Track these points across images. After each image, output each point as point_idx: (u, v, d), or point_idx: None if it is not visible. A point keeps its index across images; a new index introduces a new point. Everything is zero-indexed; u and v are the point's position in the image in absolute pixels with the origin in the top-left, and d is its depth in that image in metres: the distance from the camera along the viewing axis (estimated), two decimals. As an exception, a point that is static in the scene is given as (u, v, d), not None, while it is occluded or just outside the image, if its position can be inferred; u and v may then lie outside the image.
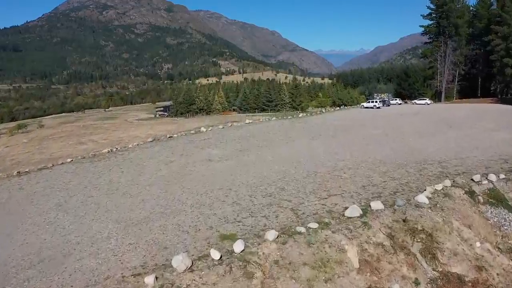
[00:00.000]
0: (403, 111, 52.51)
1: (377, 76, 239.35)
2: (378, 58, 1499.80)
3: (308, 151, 25.59)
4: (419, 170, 20.34)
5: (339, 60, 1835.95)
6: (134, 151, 28.40)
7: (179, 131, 40.44)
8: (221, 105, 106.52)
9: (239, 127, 39.27)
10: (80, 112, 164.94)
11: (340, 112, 52.08)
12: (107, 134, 47.62)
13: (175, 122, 68.89)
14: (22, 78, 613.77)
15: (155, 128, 46.93)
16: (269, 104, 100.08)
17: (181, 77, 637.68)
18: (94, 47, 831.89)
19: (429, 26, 74.08)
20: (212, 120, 74.28)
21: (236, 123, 44.66)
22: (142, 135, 38.92)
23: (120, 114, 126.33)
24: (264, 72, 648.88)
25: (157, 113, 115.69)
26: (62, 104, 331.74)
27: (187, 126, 49.20)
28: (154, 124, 63.74)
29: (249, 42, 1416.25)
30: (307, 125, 38.96)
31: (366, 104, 55.55)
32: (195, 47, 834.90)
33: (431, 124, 37.29)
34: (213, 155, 25.53)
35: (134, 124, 67.58)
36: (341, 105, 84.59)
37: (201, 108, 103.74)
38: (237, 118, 70.87)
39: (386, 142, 28.14)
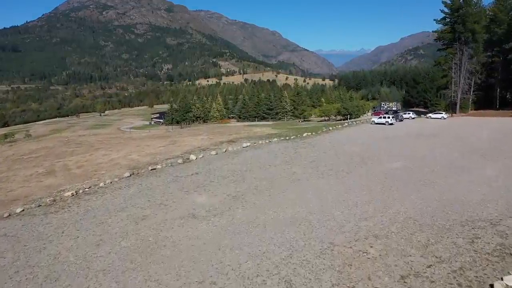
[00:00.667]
0: (419, 129, 47.11)
1: (380, 79, 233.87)
2: (379, 58, 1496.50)
3: (319, 200, 20.28)
4: (470, 240, 15.07)
5: (339, 60, 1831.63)
6: (103, 195, 23.11)
7: (166, 157, 35.11)
8: (219, 112, 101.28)
9: (235, 153, 33.95)
10: (75, 116, 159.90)
11: (349, 130, 46.53)
12: (88, 154, 42.25)
13: (168, 136, 63.56)
14: (21, 78, 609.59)
15: (141, 149, 41.49)
16: (270, 112, 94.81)
17: (180, 78, 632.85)
18: (94, 47, 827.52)
19: (443, 31, 68.67)
20: (208, 132, 68.94)
21: (232, 146, 39.33)
22: (123, 162, 33.58)
23: (114, 121, 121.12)
24: (265, 73, 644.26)
25: (153, 121, 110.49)
26: (59, 106, 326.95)
27: (178, 146, 43.84)
28: (144, 139, 58.41)
29: (249, 42, 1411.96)
30: (314, 151, 33.61)
31: (377, 120, 50.32)
32: (195, 47, 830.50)
33: (459, 151, 32.01)
34: (199, 205, 20.26)
35: (122, 139, 62.27)
36: (346, 115, 79.31)
37: (198, 116, 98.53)
38: (235, 131, 65.55)
39: (413, 184, 22.87)
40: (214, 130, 71.18)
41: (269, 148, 35.94)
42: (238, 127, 77.96)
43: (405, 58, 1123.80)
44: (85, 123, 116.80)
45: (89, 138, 67.02)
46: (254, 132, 61.21)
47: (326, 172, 25.97)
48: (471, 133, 42.67)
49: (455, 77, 64.26)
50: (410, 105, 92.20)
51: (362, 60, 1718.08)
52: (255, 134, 56.08)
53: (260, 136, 51.53)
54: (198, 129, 78.76)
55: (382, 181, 23.50)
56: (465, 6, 61.41)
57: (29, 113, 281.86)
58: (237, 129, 72.72)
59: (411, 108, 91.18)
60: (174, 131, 75.49)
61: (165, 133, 73.07)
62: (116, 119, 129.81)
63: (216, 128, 77.21)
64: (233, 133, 61.25)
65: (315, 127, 56.39)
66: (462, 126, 50.49)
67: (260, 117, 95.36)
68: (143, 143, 52.65)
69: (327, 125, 59.89)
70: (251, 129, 69.97)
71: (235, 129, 71.21)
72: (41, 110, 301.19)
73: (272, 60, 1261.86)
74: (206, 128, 78.99)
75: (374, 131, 45.81)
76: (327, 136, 42.33)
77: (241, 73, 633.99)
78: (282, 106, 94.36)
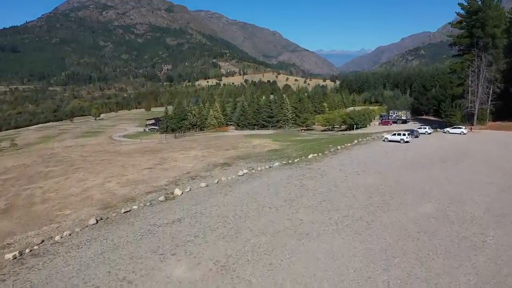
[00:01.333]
0: (441, 149, 41.37)
1: (383, 81, 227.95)
2: (380, 59, 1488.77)
3: (337, 277, 14.92)
4: None
5: (340, 60, 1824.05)
6: (53, 259, 17.74)
7: (147, 189, 29.79)
8: (216, 120, 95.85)
9: (229, 185, 28.47)
10: (69, 120, 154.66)
11: (359, 150, 40.56)
12: (63, 178, 37.03)
13: (158, 150, 58.25)
14: (20, 79, 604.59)
15: (123, 172, 36.28)
16: (270, 120, 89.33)
17: (180, 78, 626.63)
18: (93, 47, 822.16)
19: (460, 36, 62.97)
20: (203, 145, 63.62)
21: (226, 172, 33.93)
22: (97, 195, 28.27)
23: (107, 127, 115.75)
24: (265, 73, 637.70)
25: (147, 127, 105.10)
26: (56, 108, 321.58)
27: (165, 170, 38.52)
28: (132, 154, 53.14)
29: (249, 43, 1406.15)
30: (323, 183, 28.14)
31: (391, 137, 44.69)
32: (195, 47, 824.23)
33: (498, 184, 26.57)
34: (175, 282, 14.93)
35: (109, 153, 56.89)
36: (353, 125, 73.79)
37: (194, 124, 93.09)
38: (232, 145, 60.17)
39: (457, 244, 17.50)
40: (210, 142, 65.78)
41: (269, 177, 30.50)
42: (236, 138, 72.58)
43: (405, 59, 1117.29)
44: (77, 130, 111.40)
45: (74, 151, 61.68)
46: (253, 147, 55.85)
47: (340, 221, 20.55)
48: (504, 155, 37.11)
49: (472, 86, 58.81)
50: (419, 112, 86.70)
51: (362, 60, 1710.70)
52: (253, 150, 50.73)
53: (259, 154, 46.18)
54: (193, 140, 73.40)
55: (415, 239, 18.13)
56: (484, 8, 55.75)
57: (25, 115, 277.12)
58: (235, 140, 67.36)
59: (420, 116, 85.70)
60: (167, 142, 70.04)
61: (156, 144, 67.67)
62: (110, 125, 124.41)
63: (213, 139, 71.75)
64: (230, 148, 55.89)
65: (320, 143, 50.94)
66: (487, 143, 44.79)
67: (260, 125, 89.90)
68: (129, 160, 47.28)
69: (333, 140, 54.46)
70: (250, 141, 64.63)
71: (233, 141, 65.85)
72: (38, 112, 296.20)
73: (272, 60, 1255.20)
74: (202, 139, 73.59)
75: (389, 152, 40.00)
76: (336, 159, 36.74)
77: (241, 73, 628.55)
78: (283, 113, 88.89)
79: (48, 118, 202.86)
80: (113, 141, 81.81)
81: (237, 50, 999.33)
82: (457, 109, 60.18)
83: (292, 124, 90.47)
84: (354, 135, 56.81)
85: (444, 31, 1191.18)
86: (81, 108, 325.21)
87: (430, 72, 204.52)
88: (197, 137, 78.87)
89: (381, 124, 77.86)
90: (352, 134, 65.85)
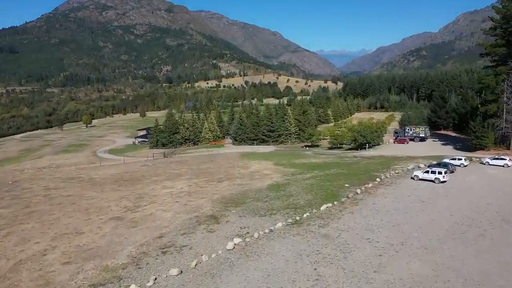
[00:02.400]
0: (493, 195, 32.07)
1: (388, 85, 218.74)
2: (381, 59, 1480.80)
3: None
4: None
5: (340, 61, 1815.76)
6: None
7: (93, 279, 20.97)
8: (211, 132, 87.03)
9: (210, 279, 19.53)
10: (58, 128, 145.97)
11: (387, 199, 30.74)
12: (1, 235, 28.21)
13: (139, 179, 49.58)
14: (18, 80, 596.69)
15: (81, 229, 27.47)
16: (271, 134, 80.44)
17: (180, 80, 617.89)
18: (93, 48, 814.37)
19: (494, 45, 53.86)
20: (193, 170, 54.96)
21: (213, 236, 25.06)
22: (22, 286, 19.30)
23: (94, 138, 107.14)
24: (266, 74, 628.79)
25: (137, 140, 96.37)
26: (51, 112, 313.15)
27: (132, 227, 29.74)
28: (105, 188, 44.40)
29: (250, 43, 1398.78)
30: (347, 275, 19.28)
31: (422, 175, 35.61)
32: (195, 48, 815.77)
33: None
34: None
35: (80, 184, 48.09)
36: (364, 144, 64.87)
37: (187, 138, 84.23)
38: (226, 172, 51.34)
39: None
40: (201, 166, 56.89)
41: (270, 256, 21.58)
42: (232, 159, 63.67)
43: (407, 59, 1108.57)
44: (62, 142, 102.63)
45: (43, 178, 52.93)
46: (251, 176, 47.15)
47: None
48: None
49: (509, 104, 49.92)
50: (437, 127, 77.78)
51: (363, 61, 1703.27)
52: (251, 183, 42.03)
53: (258, 192, 37.44)
54: (183, 161, 64.50)
55: None
56: (526, 13, 46.84)
57: (18, 119, 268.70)
58: (230, 163, 58.57)
59: (437, 131, 76.77)
60: (153, 165, 61.15)
61: (140, 168, 58.81)
62: (98, 135, 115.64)
63: (205, 161, 62.62)
64: (224, 177, 47.18)
65: (332, 177, 42.05)
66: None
67: (260, 139, 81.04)
68: (98, 200, 38.55)
69: (347, 170, 45.52)
70: (248, 165, 55.87)
71: (228, 165, 57.07)
72: (32, 115, 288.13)
73: (273, 61, 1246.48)
74: (193, 160, 64.65)
75: (425, 200, 30.13)
76: (358, 214, 27.37)
77: (242, 75, 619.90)
78: (285, 127, 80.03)
79: (39, 125, 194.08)
80: (94, 160, 73.05)
81: (237, 50, 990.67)
82: (490, 130, 51.39)
83: (295, 139, 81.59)
84: (371, 164, 47.60)
85: (446, 31, 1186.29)
86: (77, 111, 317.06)
87: (438, 77, 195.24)
88: (188, 156, 69.95)
89: (396, 142, 68.88)
90: (365, 157, 56.96)
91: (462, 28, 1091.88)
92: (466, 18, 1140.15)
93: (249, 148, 77.10)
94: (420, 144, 66.33)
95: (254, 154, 68.42)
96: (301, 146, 76.61)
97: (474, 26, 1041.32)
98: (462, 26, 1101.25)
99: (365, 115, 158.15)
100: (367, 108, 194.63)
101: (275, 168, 52.27)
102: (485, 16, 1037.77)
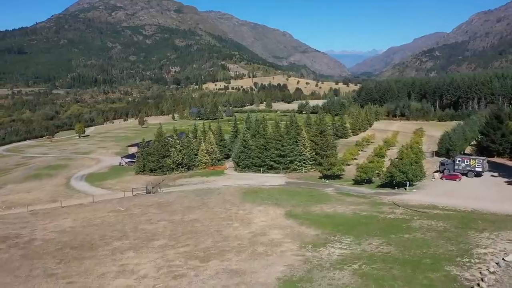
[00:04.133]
0: None
1: (408, 90, 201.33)
2: (391, 60, 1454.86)
3: None
4: None
5: (351, 61, 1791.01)
6: None
7: None
8: (210, 155, 72.37)
9: None
10: (47, 139, 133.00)
11: None
12: None
13: (93, 249, 35.15)
14: (25, 81, 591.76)
15: None
16: (281, 160, 65.39)
17: (187, 81, 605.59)
18: (101, 49, 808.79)
19: None
20: (172, 228, 40.36)
21: None
22: None
23: (79, 156, 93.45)
24: (275, 76, 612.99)
25: (123, 160, 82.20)
26: (53, 115, 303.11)
27: None
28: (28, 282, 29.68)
29: (260, 43, 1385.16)
30: None
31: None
32: (204, 49, 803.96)
33: None
34: None
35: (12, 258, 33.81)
36: (404, 183, 49.42)
37: (179, 163, 69.60)
38: (218, 223, 36.67)
39: None
40: (187, 217, 42.21)
41: None
42: (229, 202, 48.78)
43: (419, 60, 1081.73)
44: (39, 162, 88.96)
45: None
46: (253, 242, 32.77)
47: None
48: None
49: None
50: (489, 152, 61.83)
51: (374, 61, 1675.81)
52: (252, 264, 27.78)
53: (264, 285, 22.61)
54: (167, 204, 49.72)
55: None
56: None
57: (18, 123, 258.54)
58: (227, 210, 43.98)
59: (491, 158, 60.90)
60: (125, 212, 46.46)
61: (106, 216, 44.27)
62: (85, 150, 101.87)
63: (194, 208, 47.75)
64: (212, 246, 32.66)
65: (375, 266, 26.88)
66: None
67: (268, 166, 66.08)
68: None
69: (399, 248, 30.20)
70: (250, 216, 41.26)
71: (223, 214, 42.48)
72: (33, 119, 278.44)
73: (283, 61, 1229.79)
74: (180, 202, 49.89)
75: None
76: None
77: (251, 76, 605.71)
78: (298, 151, 64.88)
79: (35, 131, 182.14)
80: (61, 194, 58.78)
81: (247, 51, 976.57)
82: None
83: (311, 166, 66.37)
84: (433, 235, 31.75)
85: (459, 31, 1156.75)
86: (80, 114, 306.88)
87: (466, 82, 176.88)
88: (176, 192, 55.23)
89: (444, 178, 53.22)
90: (411, 206, 41.55)
91: (476, 28, 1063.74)
92: (480, 18, 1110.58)
93: (254, 178, 62.15)
94: (478, 182, 50.24)
95: (260, 191, 53.47)
96: (319, 177, 61.35)
97: (489, 26, 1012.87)
98: (476, 26, 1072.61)
99: (386, 126, 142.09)
100: (385, 115, 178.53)
101: (287, 225, 37.47)
102: (499, 16, 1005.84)
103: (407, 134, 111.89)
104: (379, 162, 58.04)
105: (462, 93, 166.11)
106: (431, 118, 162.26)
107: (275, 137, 66.10)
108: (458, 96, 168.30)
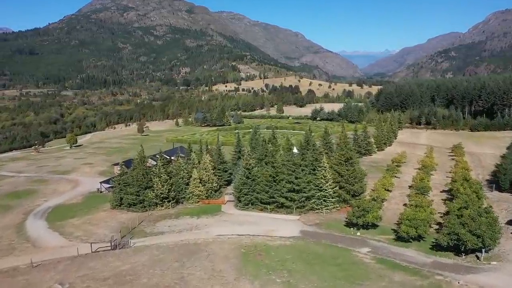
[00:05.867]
0: None
1: (432, 95, 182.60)
2: (405, 60, 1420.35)
3: None
4: None
5: (363, 61, 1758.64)
6: None
7: None
8: (204, 184, 57.45)
9: None
10: (34, 150, 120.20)
11: None
12: None
13: None
14: (35, 82, 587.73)
15: None
16: (295, 197, 50.04)
17: (197, 82, 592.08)
18: (112, 49, 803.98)
19: None
20: None
21: None
22: None
23: (53, 178, 79.51)
24: (287, 77, 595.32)
25: (103, 186, 67.57)
26: (57, 118, 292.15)
27: None
28: None
29: (271, 44, 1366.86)
30: None
31: None
32: (215, 49, 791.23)
33: None
34: None
35: None
36: (474, 249, 33.58)
37: (165, 196, 54.79)
38: None
39: None
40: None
41: None
42: (219, 271, 33.63)
43: (435, 60, 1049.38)
44: (7, 183, 75.30)
45: None
46: None
47: None
48: None
49: None
50: None
51: (387, 62, 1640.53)
52: None
53: None
54: (132, 273, 34.91)
55: None
56: None
57: (18, 128, 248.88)
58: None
59: None
60: (70, 286, 31.87)
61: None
62: (67, 168, 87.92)
63: (169, 284, 32.92)
64: None
65: None
66: None
67: (277, 203, 50.66)
68: None
69: None
70: None
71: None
72: (35, 123, 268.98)
73: (295, 62, 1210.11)
74: (151, 272, 34.99)
75: None
76: None
77: (262, 77, 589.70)
78: (317, 184, 49.21)
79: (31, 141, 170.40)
80: (3, 244, 44.71)
81: (258, 51, 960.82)
82: None
83: (334, 205, 50.70)
84: None
85: (475, 31, 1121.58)
86: (85, 117, 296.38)
87: (502, 87, 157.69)
88: (151, 249, 40.07)
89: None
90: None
91: (493, 28, 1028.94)
92: (497, 17, 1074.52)
93: (258, 221, 46.82)
94: None
95: (266, 251, 38.11)
96: (345, 223, 45.63)
97: (507, 25, 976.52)
98: (494, 26, 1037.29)
99: (412, 137, 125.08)
100: (408, 123, 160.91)
101: None
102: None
103: (441, 150, 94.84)
104: (430, 209, 41.89)
105: (498, 99, 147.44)
106: (461, 127, 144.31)
107: (287, 165, 50.60)
108: (493, 103, 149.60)
